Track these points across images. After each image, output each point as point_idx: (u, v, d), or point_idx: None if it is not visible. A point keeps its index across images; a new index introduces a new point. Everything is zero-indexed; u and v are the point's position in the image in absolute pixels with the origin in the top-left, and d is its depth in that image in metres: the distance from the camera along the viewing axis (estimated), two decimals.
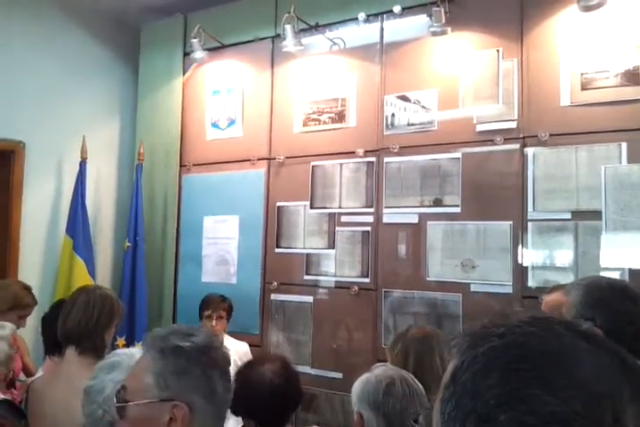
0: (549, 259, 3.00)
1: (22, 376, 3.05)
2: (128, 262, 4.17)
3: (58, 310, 2.58)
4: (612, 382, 0.52)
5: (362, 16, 3.57)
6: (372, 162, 3.54)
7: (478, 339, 0.58)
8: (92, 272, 4.06)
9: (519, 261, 3.05)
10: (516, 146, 3.11)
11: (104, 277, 4.43)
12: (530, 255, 3.03)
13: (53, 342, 2.56)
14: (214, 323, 3.48)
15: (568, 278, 2.82)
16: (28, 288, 3.25)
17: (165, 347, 1.25)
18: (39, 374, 2.55)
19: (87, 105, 4.48)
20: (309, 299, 3.70)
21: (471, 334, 0.60)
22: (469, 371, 0.56)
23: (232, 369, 1.36)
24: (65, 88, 4.32)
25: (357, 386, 1.88)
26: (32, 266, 4.07)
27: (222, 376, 1.28)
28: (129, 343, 3.94)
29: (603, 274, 2.79)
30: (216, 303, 3.55)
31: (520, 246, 3.05)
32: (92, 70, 4.53)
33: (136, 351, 1.67)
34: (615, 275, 2.77)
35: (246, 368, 1.92)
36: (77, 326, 2.11)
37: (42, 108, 4.16)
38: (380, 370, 1.95)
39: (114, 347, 2.94)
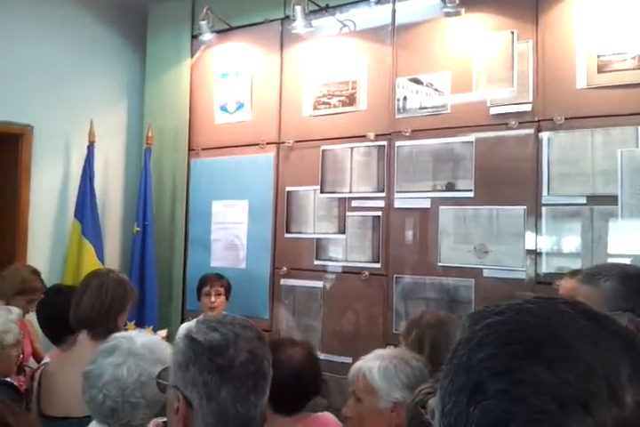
0: (564, 244, 2.96)
1: (32, 362, 3.05)
2: (137, 247, 4.16)
3: (55, 296, 2.58)
4: (610, 360, 0.52)
5: None
6: (384, 146, 3.50)
7: (478, 317, 0.59)
8: (100, 256, 4.05)
9: (533, 247, 3.01)
10: (531, 129, 3.06)
11: (113, 261, 4.41)
12: (544, 241, 2.99)
13: (51, 329, 2.56)
14: (213, 299, 3.56)
15: (582, 264, 2.79)
16: (36, 272, 3.24)
17: (186, 335, 1.23)
18: (46, 359, 2.54)
19: (95, 88, 4.44)
20: (319, 284, 3.68)
21: (474, 313, 0.62)
22: (466, 347, 0.57)
23: None
24: (72, 71, 4.29)
25: (387, 375, 1.78)
26: (41, 250, 4.06)
27: (227, 385, 1.18)
28: (138, 328, 3.93)
29: (617, 260, 2.76)
30: (213, 280, 3.62)
31: (534, 232, 3.01)
32: (99, 53, 4.48)
33: (135, 335, 1.65)
34: (631, 261, 2.74)
35: (272, 350, 1.90)
36: (91, 310, 2.09)
37: (49, 92, 4.13)
38: (388, 353, 1.93)
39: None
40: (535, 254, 3.00)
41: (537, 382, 0.50)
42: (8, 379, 2.26)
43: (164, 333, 3.48)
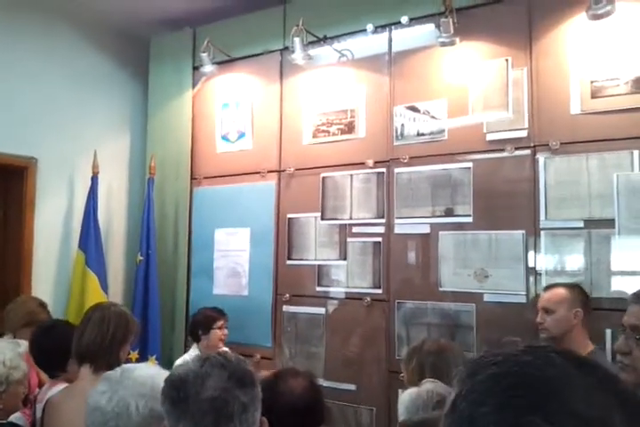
0: (563, 268, 2.97)
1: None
2: (140, 276, 4.18)
3: (46, 332, 2.60)
4: (604, 408, 0.53)
5: (370, 27, 3.58)
6: (383, 172, 3.54)
7: (477, 368, 0.59)
8: (104, 286, 4.07)
9: (532, 271, 3.03)
10: (527, 154, 3.10)
11: (116, 291, 4.44)
12: (543, 264, 3.01)
13: (44, 364, 2.57)
14: (226, 331, 3.60)
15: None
16: (43, 305, 3.25)
17: None
18: (47, 385, 2.55)
19: (97, 119, 4.51)
20: (322, 310, 3.68)
21: (470, 364, 0.62)
22: (467, 399, 0.57)
23: None
24: (75, 103, 4.36)
25: (407, 399, 1.92)
26: (45, 281, 4.09)
27: (184, 418, 1.26)
28: (142, 357, 3.93)
29: (618, 284, 2.78)
30: (223, 313, 3.65)
31: (533, 255, 3.03)
32: (102, 84, 4.57)
33: (138, 367, 1.67)
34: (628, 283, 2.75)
35: (274, 381, 1.91)
36: (92, 343, 2.11)
37: (53, 124, 4.19)
38: (430, 386, 1.95)
39: (127, 361, 2.93)
40: (535, 278, 3.01)
41: None
42: (18, 414, 2.26)
43: None
